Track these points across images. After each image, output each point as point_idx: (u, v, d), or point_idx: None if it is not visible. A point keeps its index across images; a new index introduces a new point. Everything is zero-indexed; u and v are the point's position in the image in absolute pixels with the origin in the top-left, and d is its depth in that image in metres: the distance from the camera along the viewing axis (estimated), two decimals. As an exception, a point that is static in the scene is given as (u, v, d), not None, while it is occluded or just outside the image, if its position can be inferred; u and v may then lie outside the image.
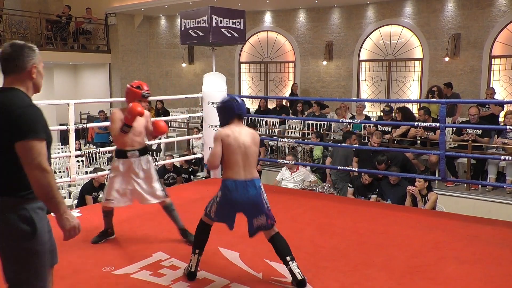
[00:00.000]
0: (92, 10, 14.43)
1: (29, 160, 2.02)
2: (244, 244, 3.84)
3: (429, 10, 11.31)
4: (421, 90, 11.55)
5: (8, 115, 2.04)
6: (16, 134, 2.02)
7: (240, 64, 14.18)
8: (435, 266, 3.46)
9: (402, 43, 11.83)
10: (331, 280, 3.21)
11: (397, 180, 5.97)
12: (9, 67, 2.18)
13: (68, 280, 3.19)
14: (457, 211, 5.29)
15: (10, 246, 2.08)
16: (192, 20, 6.06)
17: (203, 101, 6.19)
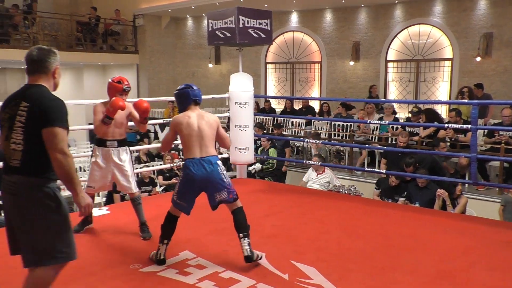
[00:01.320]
0: (121, 11, 14.68)
1: (53, 144, 2.35)
2: (270, 245, 3.85)
3: (460, 9, 11.07)
4: (451, 91, 11.31)
5: (39, 105, 2.38)
6: (44, 121, 2.35)
7: (266, 65, 14.19)
8: (465, 272, 3.38)
9: (431, 43, 11.62)
10: (357, 282, 3.18)
11: (425, 183, 5.87)
12: (37, 68, 2.52)
13: (97, 276, 3.26)
14: (488, 216, 5.16)
15: (39, 218, 2.39)
16: (219, 21, 6.09)
17: (230, 101, 6.22)
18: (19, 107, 2.40)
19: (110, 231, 4.23)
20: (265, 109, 11.11)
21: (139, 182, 7.24)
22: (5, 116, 2.46)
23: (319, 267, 3.38)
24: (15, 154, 2.40)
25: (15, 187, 2.40)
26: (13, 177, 2.41)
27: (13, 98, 2.48)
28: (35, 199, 2.38)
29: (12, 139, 2.40)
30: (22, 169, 2.39)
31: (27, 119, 2.38)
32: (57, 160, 2.35)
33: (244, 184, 6.26)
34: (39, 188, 2.39)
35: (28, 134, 2.38)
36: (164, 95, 14.85)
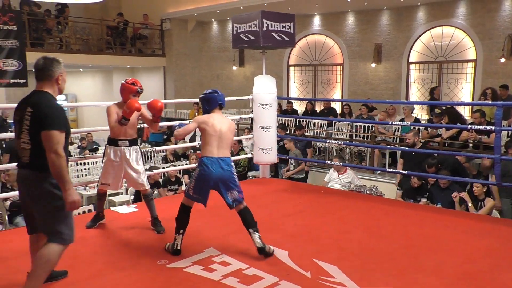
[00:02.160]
0: (149, 16, 14.87)
1: (48, 146, 2.64)
2: (292, 243, 3.83)
3: (484, 10, 10.81)
4: (474, 92, 11.07)
5: (39, 111, 2.69)
6: (42, 125, 2.65)
7: (289, 67, 14.15)
8: (489, 273, 3.29)
9: (454, 45, 11.39)
10: (380, 282, 3.14)
11: (447, 184, 5.76)
12: (42, 75, 2.81)
13: (126, 271, 3.30)
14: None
15: (48, 205, 2.74)
16: (243, 25, 6.10)
17: (254, 103, 6.22)
18: (25, 111, 2.72)
19: (138, 228, 4.29)
20: (287, 111, 11.08)
21: (166, 181, 7.33)
22: (16, 118, 2.81)
23: (341, 266, 3.35)
24: (24, 152, 2.75)
25: (26, 179, 2.77)
26: (24, 171, 2.78)
27: (22, 102, 2.81)
28: (43, 189, 2.72)
29: (22, 139, 2.74)
30: (31, 165, 2.74)
31: (31, 122, 2.70)
32: (51, 160, 2.64)
33: (267, 183, 6.26)
34: (46, 180, 2.72)
35: (33, 135, 2.70)
36: (189, 96, 14.99)
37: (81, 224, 4.43)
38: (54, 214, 2.75)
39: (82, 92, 17.49)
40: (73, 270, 3.32)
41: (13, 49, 10.01)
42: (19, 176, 2.86)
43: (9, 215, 6.12)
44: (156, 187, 7.05)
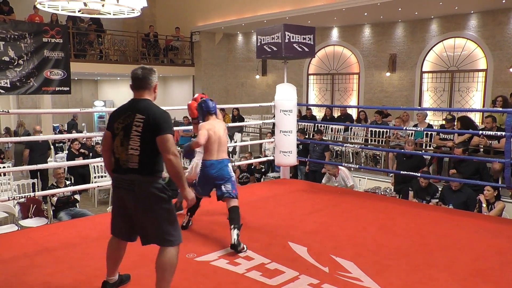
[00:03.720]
0: (180, 29, 15.05)
1: (166, 148, 2.57)
2: (311, 240, 3.81)
3: (495, 23, 10.57)
4: (485, 100, 10.81)
5: (153, 117, 2.59)
6: (158, 130, 2.57)
7: (309, 76, 14.10)
8: (499, 270, 3.20)
9: (465, 55, 11.15)
10: (394, 277, 3.09)
11: (459, 186, 5.63)
12: (142, 84, 2.71)
13: (158, 263, 3.33)
14: (521, 219, 4.88)
15: (160, 209, 2.61)
16: (267, 37, 6.11)
17: (275, 109, 6.22)
18: (134, 118, 2.60)
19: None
20: (307, 116, 11.04)
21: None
22: (119, 126, 2.65)
23: (357, 262, 3.31)
24: (132, 158, 2.60)
25: (133, 185, 2.60)
26: (130, 176, 2.60)
27: (125, 111, 2.68)
28: (151, 192, 2.59)
29: (130, 146, 2.60)
30: (140, 170, 2.59)
31: (143, 128, 2.58)
32: (170, 161, 2.57)
33: (288, 184, 6.24)
34: (153, 184, 2.61)
35: (144, 141, 2.59)
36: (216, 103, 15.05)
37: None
38: (166, 216, 2.64)
39: (119, 99, 17.81)
40: (111, 260, 3.37)
41: (59, 60, 10.26)
42: (119, 182, 2.66)
43: (54, 210, 6.26)
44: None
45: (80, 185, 5.94)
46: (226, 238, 3.81)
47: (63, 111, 8.28)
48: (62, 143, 12.32)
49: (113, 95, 18.16)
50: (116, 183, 2.70)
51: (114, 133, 2.67)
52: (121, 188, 2.66)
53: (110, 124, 2.72)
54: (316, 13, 11.28)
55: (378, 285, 2.94)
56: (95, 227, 4.24)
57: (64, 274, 3.14)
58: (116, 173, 2.69)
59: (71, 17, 11.98)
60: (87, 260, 3.38)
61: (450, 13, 11.03)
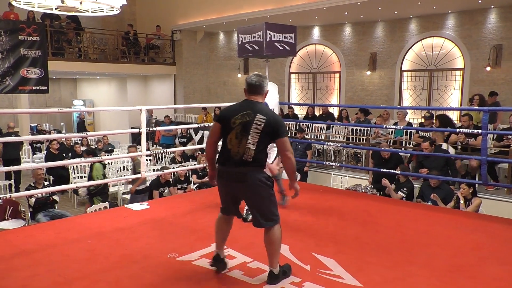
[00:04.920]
0: (161, 27, 14.91)
1: (286, 148, 2.99)
2: (293, 238, 3.82)
3: (472, 23, 10.78)
4: (462, 98, 11.02)
5: (274, 120, 2.98)
6: (278, 133, 2.97)
7: (290, 75, 14.15)
8: (476, 266, 3.27)
9: (443, 54, 11.36)
10: (375, 274, 3.12)
11: (437, 183, 5.74)
12: (256, 90, 3.08)
13: (139, 264, 3.30)
14: (497, 215, 4.99)
15: (266, 193, 3.01)
16: (248, 35, 6.10)
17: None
18: (255, 117, 2.94)
19: (150, 224, 4.29)
20: (288, 115, 11.08)
21: (176, 180, 7.33)
22: (236, 121, 2.96)
23: (338, 260, 3.34)
24: (249, 151, 2.94)
25: (245, 176, 2.96)
26: (244, 169, 2.96)
27: (243, 109, 3.01)
28: (262, 181, 2.98)
29: (248, 140, 2.93)
30: (253, 162, 2.95)
31: (264, 128, 2.93)
32: (289, 158, 3.00)
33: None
34: (262, 174, 3.01)
35: (261, 138, 2.94)
36: (198, 102, 15.02)
37: (97, 221, 4.44)
38: (270, 199, 3.03)
39: (99, 98, 17.55)
40: (91, 262, 3.32)
41: (36, 59, 10.04)
42: (230, 174, 2.99)
43: (32, 211, 6.14)
44: (167, 186, 7.05)
45: (59, 186, 5.82)
46: (208, 237, 3.80)
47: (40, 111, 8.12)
48: (41, 143, 12.08)
49: (93, 94, 17.87)
50: (224, 176, 3.04)
51: (229, 127, 2.98)
52: (231, 180, 3.01)
53: (224, 118, 3.03)
54: (298, 12, 11.32)
55: (359, 282, 2.97)
56: (74, 228, 4.17)
57: (42, 277, 3.08)
58: (224, 165, 3.03)
59: (48, 15, 11.73)
60: (67, 262, 3.33)
61: (429, 13, 11.21)
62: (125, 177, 7.10)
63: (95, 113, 17.71)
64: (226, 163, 3.00)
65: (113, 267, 3.25)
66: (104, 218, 4.54)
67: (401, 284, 2.98)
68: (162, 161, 10.34)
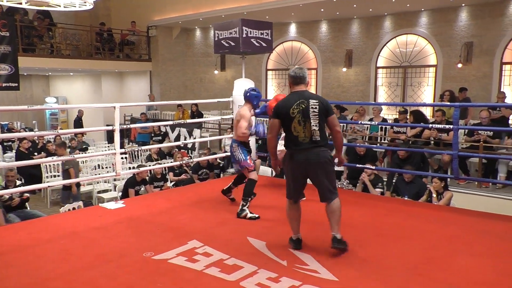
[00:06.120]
0: (136, 23, 14.69)
1: (335, 125, 3.47)
2: (270, 235, 3.83)
3: (444, 20, 11.03)
4: (435, 94, 11.28)
5: (323, 102, 3.44)
6: (328, 112, 3.43)
7: (267, 71, 14.17)
8: (449, 258, 3.36)
9: (417, 51, 11.59)
10: (350, 268, 3.16)
11: (411, 178, 5.85)
12: (301, 81, 3.53)
13: (114, 263, 3.25)
14: (468, 208, 5.13)
15: (331, 168, 3.46)
16: (224, 31, 6.08)
17: (234, 105, 6.20)
18: (309, 103, 3.38)
19: (125, 222, 4.23)
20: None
21: (152, 178, 7.26)
22: (294, 110, 3.39)
23: (315, 255, 3.37)
24: (316, 132, 3.38)
25: (318, 155, 3.38)
26: (316, 149, 3.38)
27: (296, 100, 3.42)
28: (328, 158, 3.42)
29: (312, 123, 3.37)
30: (321, 142, 3.39)
31: (319, 110, 3.38)
32: (339, 132, 3.48)
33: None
34: (328, 151, 3.45)
35: (320, 119, 3.39)
36: (174, 99, 14.88)
37: (71, 220, 4.36)
38: (333, 175, 3.50)
39: (72, 95, 17.17)
40: (65, 262, 3.26)
41: (6, 54, 9.76)
42: (305, 155, 3.37)
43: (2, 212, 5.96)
44: (143, 184, 6.97)
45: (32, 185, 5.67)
46: (184, 235, 3.78)
47: (9, 109, 7.88)
48: (11, 141, 11.74)
49: (66, 91, 17.47)
50: (298, 158, 3.40)
51: (289, 118, 3.40)
52: (307, 160, 3.38)
53: (281, 112, 3.44)
54: (274, 9, 11.34)
55: (335, 277, 3.01)
56: (47, 228, 4.08)
57: (13, 279, 3.00)
58: (296, 150, 3.41)
59: (16, 9, 11.34)
60: (39, 263, 3.25)
61: (403, 10, 11.41)
62: (99, 176, 6.98)
63: (69, 111, 17.34)
64: (298, 147, 3.39)
65: (88, 267, 3.19)
66: (78, 217, 4.45)
67: (376, 278, 3.03)
68: (138, 159, 10.21)
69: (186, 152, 10.15)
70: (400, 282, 2.96)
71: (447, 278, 3.02)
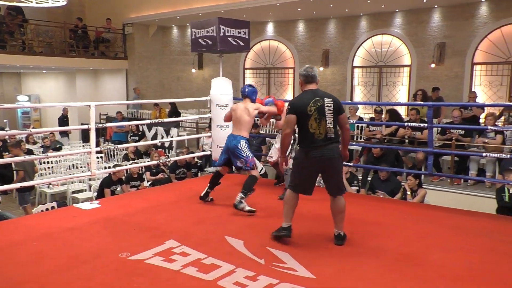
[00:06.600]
0: (111, 20, 14.44)
1: (345, 122, 3.67)
2: (248, 234, 3.83)
3: (417, 21, 11.26)
4: (409, 94, 11.51)
5: (336, 101, 3.60)
6: (340, 110, 3.59)
7: (245, 70, 14.16)
8: (422, 254, 3.43)
9: (392, 51, 11.79)
10: (327, 266, 3.20)
11: (386, 176, 5.95)
12: (314, 79, 3.66)
13: (89, 264, 3.19)
14: (441, 204, 5.25)
15: (340, 166, 3.69)
16: (201, 30, 6.04)
17: (211, 103, 6.18)
18: (324, 102, 3.51)
19: (101, 223, 4.16)
20: (244, 110, 11.09)
21: (128, 178, 7.16)
22: (311, 108, 3.49)
23: (292, 253, 3.39)
24: (331, 130, 3.51)
25: (332, 151, 3.51)
26: (330, 145, 3.51)
27: (311, 98, 3.53)
28: (340, 155, 3.60)
29: (327, 121, 3.50)
30: (335, 138, 3.54)
31: (334, 108, 3.53)
32: (348, 131, 3.70)
33: (225, 178, 6.21)
34: (339, 148, 3.61)
35: (335, 116, 3.54)
36: (151, 98, 14.70)
37: (45, 221, 4.25)
38: (342, 170, 3.76)
39: (45, 94, 16.75)
40: (38, 265, 3.18)
41: (-26, 51, 9.44)
42: (321, 151, 3.48)
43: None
44: (119, 184, 6.87)
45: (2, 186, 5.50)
46: (161, 235, 3.74)
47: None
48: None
49: (39, 89, 17.03)
50: (314, 154, 3.50)
51: (306, 115, 3.48)
52: (322, 156, 3.49)
53: (298, 109, 3.52)
54: (251, 8, 11.34)
55: (312, 274, 3.03)
56: (19, 230, 3.97)
57: (-18, 282, 2.91)
58: (312, 147, 3.50)
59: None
60: (11, 266, 3.16)
61: (378, 11, 11.59)
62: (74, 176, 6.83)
63: (42, 109, 16.92)
64: (314, 144, 3.49)
65: (61, 269, 3.12)
66: (52, 218, 4.35)
67: (352, 274, 3.07)
68: (114, 158, 10.05)
69: (163, 151, 10.05)
70: (376, 278, 3.01)
71: (421, 273, 3.09)
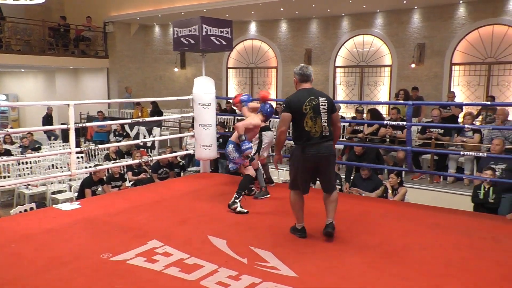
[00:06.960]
0: (92, 19, 14.23)
1: (338, 120, 3.83)
2: (231, 233, 3.83)
3: (398, 22, 11.42)
4: (390, 93, 11.66)
5: (330, 100, 3.73)
6: (333, 109, 3.73)
7: (228, 69, 14.14)
8: (402, 251, 3.48)
9: (373, 51, 11.92)
10: (310, 264, 3.22)
11: (368, 174, 6.02)
12: (309, 78, 3.78)
13: (69, 265, 3.14)
14: (421, 202, 5.34)
15: (335, 163, 3.87)
16: (184, 29, 6.00)
17: (194, 103, 6.14)
18: (319, 100, 3.63)
19: (81, 223, 4.09)
20: (226, 110, 11.06)
21: (110, 178, 7.07)
22: (307, 107, 3.59)
23: (275, 252, 3.40)
24: (325, 128, 3.63)
25: (328, 149, 3.64)
26: (325, 143, 3.62)
27: (306, 97, 3.63)
28: (334, 152, 3.75)
29: (322, 119, 3.62)
30: (329, 136, 3.65)
31: (328, 106, 3.65)
32: (340, 129, 3.88)
33: (208, 178, 6.22)
34: (333, 146, 3.74)
35: (328, 115, 3.65)
36: (134, 96, 14.52)
37: (23, 223, 4.17)
38: (334, 170, 3.87)
39: (24, 92, 16.41)
40: (17, 267, 3.12)
41: (-51, 49, 9.18)
42: (318, 148, 3.58)
43: None
44: (100, 184, 6.77)
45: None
46: (143, 235, 3.71)
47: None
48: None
49: (17, 88, 16.67)
50: (310, 152, 3.59)
51: (301, 113, 3.59)
52: (318, 154, 3.60)
53: (294, 108, 3.61)
54: (234, 7, 11.33)
55: (295, 273, 3.05)
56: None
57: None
58: (308, 144, 3.59)
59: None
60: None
61: (359, 11, 11.71)
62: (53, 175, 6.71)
63: (20, 109, 16.57)
64: (309, 142, 3.58)
65: (41, 270, 3.06)
66: (31, 219, 4.27)
67: (335, 272, 3.10)
68: (95, 158, 9.91)
69: (145, 151, 9.96)
70: (357, 276, 3.04)
71: (401, 271, 3.13)
